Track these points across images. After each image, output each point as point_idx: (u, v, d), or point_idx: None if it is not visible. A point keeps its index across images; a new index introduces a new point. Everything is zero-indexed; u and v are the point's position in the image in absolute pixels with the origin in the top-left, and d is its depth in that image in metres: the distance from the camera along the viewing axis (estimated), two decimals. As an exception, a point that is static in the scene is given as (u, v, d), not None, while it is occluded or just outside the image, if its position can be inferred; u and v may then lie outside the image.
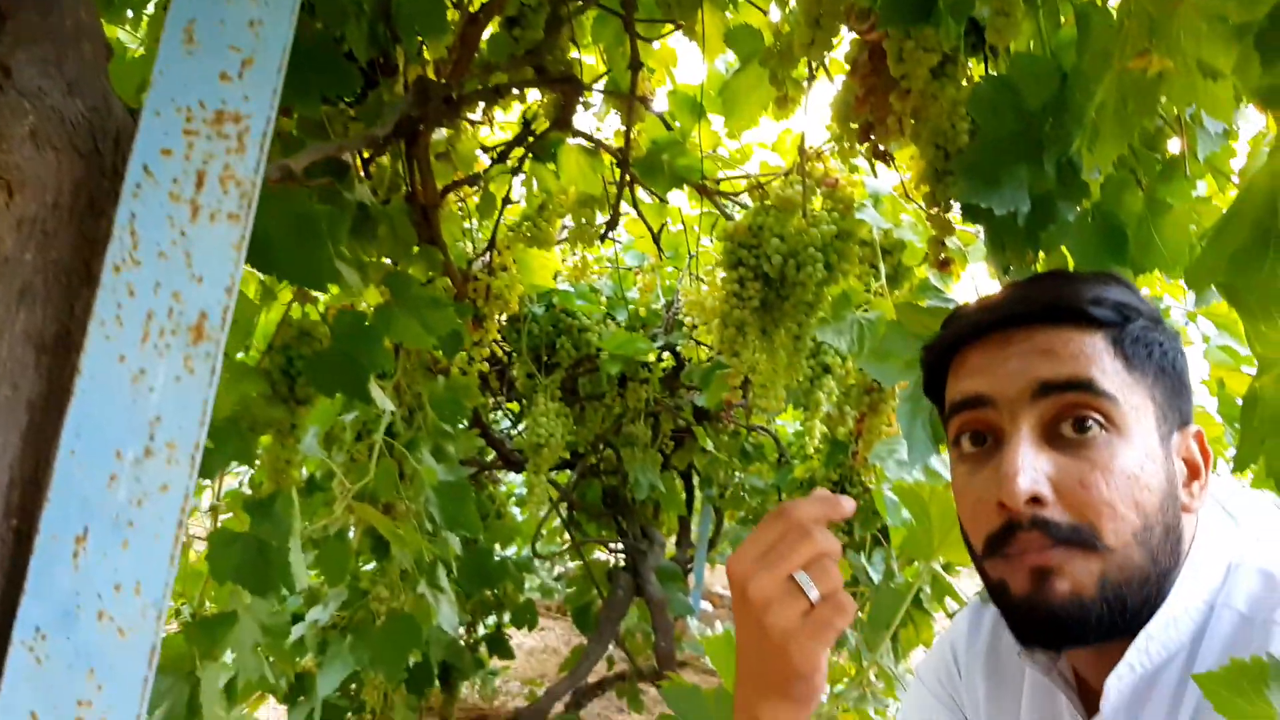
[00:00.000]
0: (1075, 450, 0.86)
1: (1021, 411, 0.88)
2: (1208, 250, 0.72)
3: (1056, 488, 0.85)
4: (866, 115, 1.42)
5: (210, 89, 0.65)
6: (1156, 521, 0.86)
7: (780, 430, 3.84)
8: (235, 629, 1.59)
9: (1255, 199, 0.70)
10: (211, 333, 0.62)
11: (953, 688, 1.19)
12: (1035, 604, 0.85)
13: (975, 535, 0.92)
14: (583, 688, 3.72)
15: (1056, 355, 0.88)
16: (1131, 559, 0.85)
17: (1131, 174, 1.21)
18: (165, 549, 0.59)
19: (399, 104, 1.47)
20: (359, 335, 1.59)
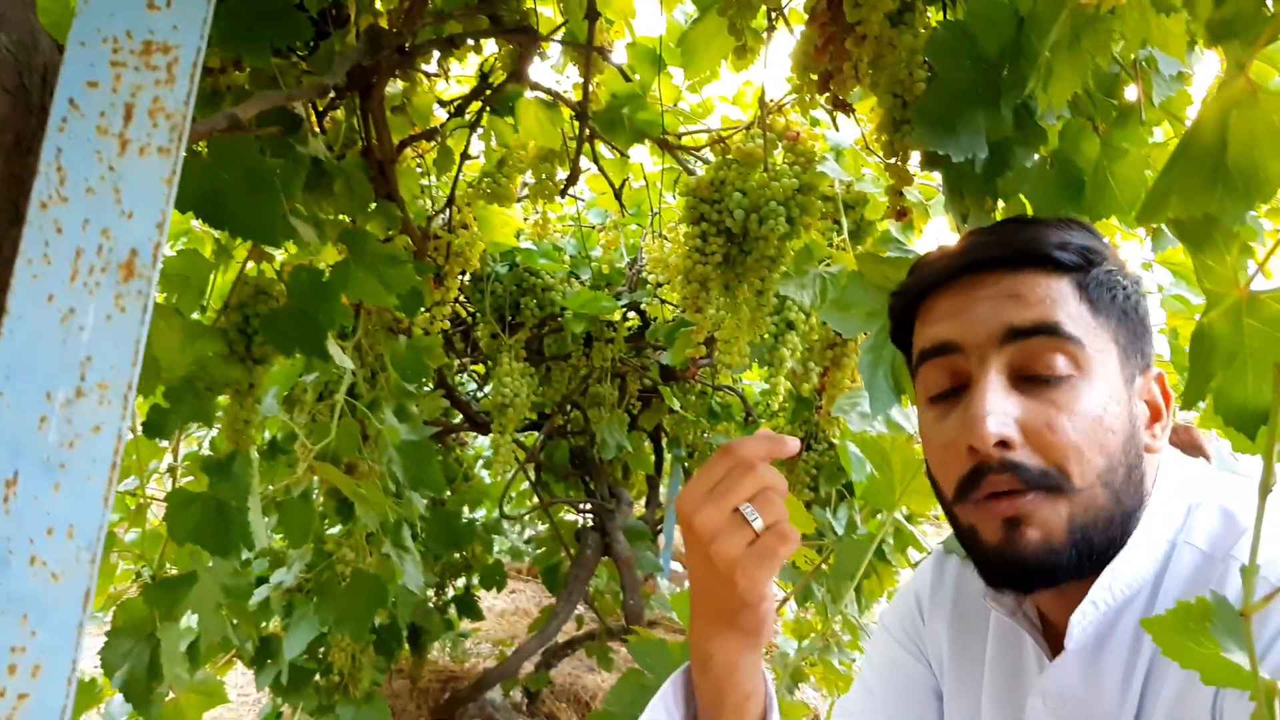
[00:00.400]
0: (1042, 393, 0.87)
1: (990, 356, 0.89)
2: (1157, 186, 0.72)
3: (1024, 430, 0.86)
4: (825, 64, 1.41)
5: (137, 19, 0.63)
6: (1120, 463, 0.88)
7: (747, 389, 3.85)
8: (195, 590, 1.58)
9: (1204, 135, 0.70)
10: (143, 270, 0.61)
11: (917, 635, 1.21)
12: (1005, 552, 0.87)
13: (945, 480, 0.94)
14: (552, 647, 3.73)
15: (1023, 300, 0.90)
16: (1097, 500, 0.86)
17: (1089, 120, 1.20)
18: (98, 491, 0.58)
19: (350, 54, 1.44)
20: (316, 292, 1.58)
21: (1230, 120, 0.68)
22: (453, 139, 2.12)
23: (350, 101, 1.72)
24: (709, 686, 0.93)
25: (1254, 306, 0.66)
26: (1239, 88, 0.68)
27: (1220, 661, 0.58)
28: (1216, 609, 0.59)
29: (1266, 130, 0.67)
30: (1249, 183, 0.68)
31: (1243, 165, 0.68)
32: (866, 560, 1.46)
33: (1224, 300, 0.67)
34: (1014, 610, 1.02)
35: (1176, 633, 0.59)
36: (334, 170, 1.70)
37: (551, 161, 2.15)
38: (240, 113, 1.10)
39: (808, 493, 2.49)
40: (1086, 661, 0.93)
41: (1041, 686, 0.96)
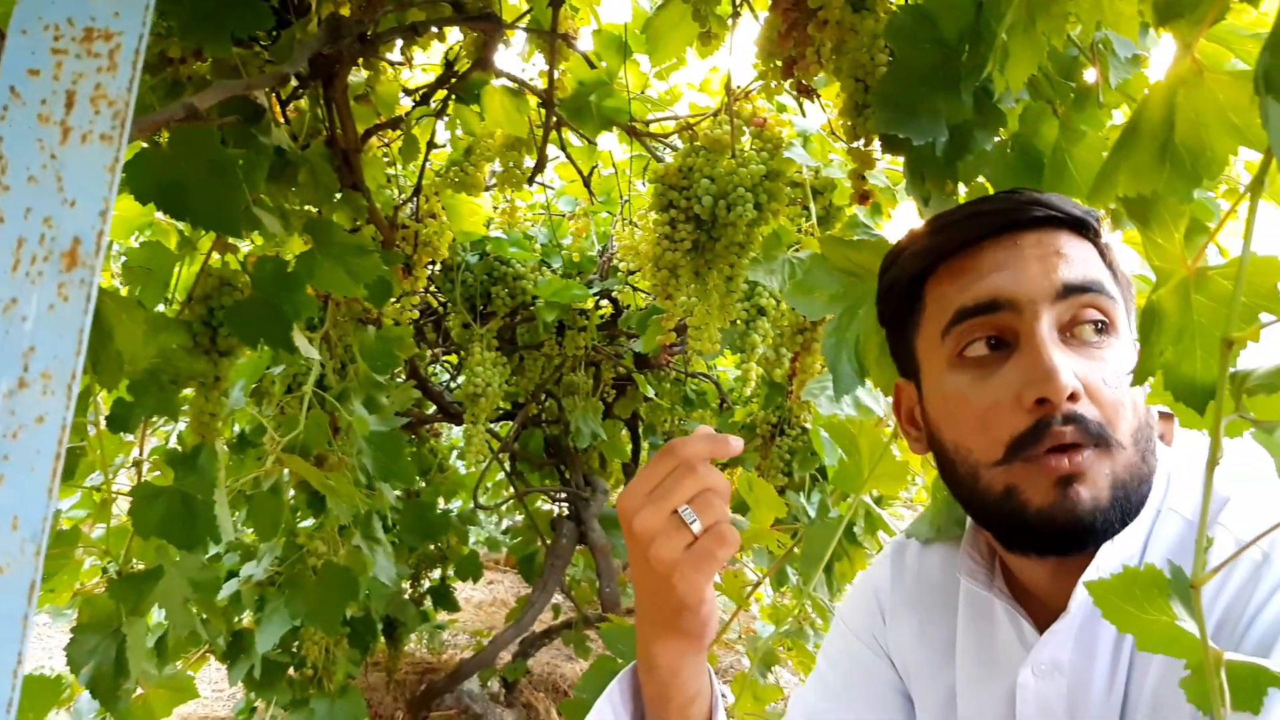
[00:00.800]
0: (1089, 350, 0.88)
1: (1044, 312, 0.88)
2: (1107, 165, 0.72)
3: (1084, 385, 0.85)
4: (789, 50, 1.41)
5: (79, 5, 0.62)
6: (1145, 423, 0.89)
7: (722, 376, 3.85)
8: (162, 584, 1.57)
9: (1152, 114, 0.70)
10: (86, 259, 0.60)
11: (875, 628, 1.20)
12: (1057, 513, 0.85)
13: (989, 440, 0.90)
14: (529, 637, 3.73)
15: (1069, 259, 0.89)
16: (1133, 459, 0.86)
17: (1049, 104, 1.21)
18: (43, 482, 0.57)
19: (310, 41, 1.43)
20: (280, 282, 1.57)
21: (1177, 100, 0.69)
22: (418, 128, 2.11)
23: (314, 91, 1.71)
24: (654, 688, 0.93)
25: (1201, 283, 0.66)
26: (1186, 67, 0.68)
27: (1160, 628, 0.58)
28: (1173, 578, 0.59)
29: (1213, 109, 0.68)
30: (1196, 161, 0.68)
31: (1190, 144, 0.69)
32: (835, 543, 1.46)
33: (1172, 277, 0.67)
34: (989, 585, 1.01)
35: (1118, 596, 0.60)
36: (298, 160, 1.69)
37: (519, 149, 2.14)
38: (198, 102, 1.10)
39: (781, 478, 2.50)
40: (1080, 631, 0.92)
41: (1034, 658, 0.94)
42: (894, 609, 1.17)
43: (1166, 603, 0.58)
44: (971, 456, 0.92)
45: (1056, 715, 0.93)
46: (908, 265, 1.01)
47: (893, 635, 1.17)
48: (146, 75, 1.55)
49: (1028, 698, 0.95)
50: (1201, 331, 0.67)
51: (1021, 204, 0.93)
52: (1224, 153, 0.67)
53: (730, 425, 3.25)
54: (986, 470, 0.90)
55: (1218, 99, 0.67)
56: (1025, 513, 0.87)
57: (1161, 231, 0.68)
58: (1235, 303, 0.58)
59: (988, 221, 0.94)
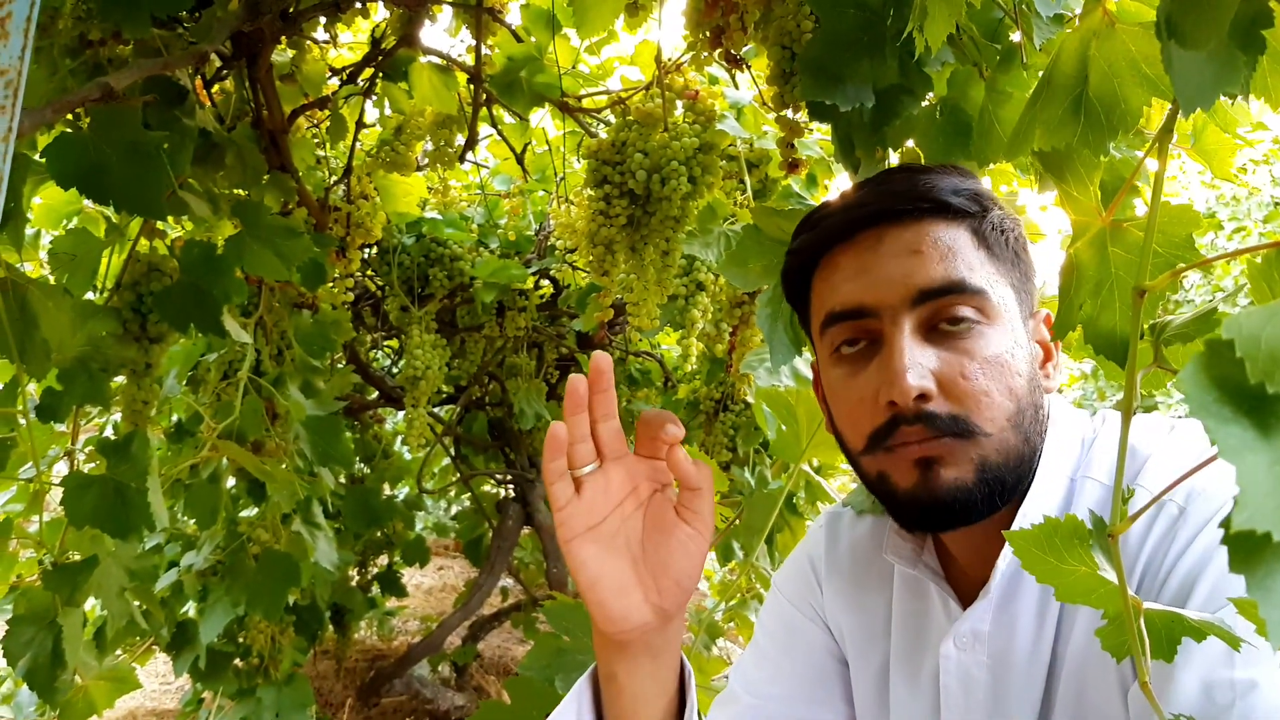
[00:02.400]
0: (952, 343, 0.88)
1: (901, 315, 0.89)
2: (1024, 119, 0.72)
3: (939, 380, 0.87)
4: (716, 19, 1.41)
5: (-34, -28, 0.61)
6: (1028, 404, 0.89)
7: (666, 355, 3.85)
8: (97, 574, 1.55)
9: (1065, 67, 0.70)
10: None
11: (811, 597, 1.21)
12: (920, 493, 0.88)
13: (855, 432, 0.94)
14: (479, 620, 3.73)
15: (926, 255, 0.90)
16: (1008, 441, 0.88)
17: (975, 66, 1.21)
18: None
19: (229, 18, 1.40)
20: (209, 266, 1.55)
21: (1090, 52, 0.69)
22: (346, 107, 2.08)
23: (238, 71, 1.68)
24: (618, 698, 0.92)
25: (1117, 234, 0.67)
26: (1097, 19, 0.69)
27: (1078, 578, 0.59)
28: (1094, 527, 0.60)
29: (1125, 61, 0.68)
30: (1110, 114, 0.69)
31: (1103, 96, 0.69)
32: (775, 513, 1.47)
33: (1089, 230, 0.68)
34: (914, 562, 1.03)
35: (1037, 547, 0.60)
36: (224, 142, 1.67)
37: (450, 127, 2.12)
38: (114, 82, 1.07)
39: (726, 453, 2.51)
40: (1000, 604, 0.93)
41: (955, 630, 0.96)
42: (829, 578, 1.18)
43: (1087, 553, 0.59)
44: (848, 444, 0.97)
45: (979, 684, 0.94)
46: (792, 259, 1.04)
47: (829, 604, 1.18)
48: (67, 59, 1.51)
49: (950, 668, 0.97)
50: (1119, 283, 0.67)
51: (888, 196, 0.94)
52: (1138, 105, 0.68)
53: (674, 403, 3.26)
54: (859, 457, 0.95)
55: (1130, 50, 0.67)
56: (896, 495, 0.91)
57: (1077, 185, 0.68)
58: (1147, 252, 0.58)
59: (855, 217, 0.95)
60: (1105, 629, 0.58)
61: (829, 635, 1.18)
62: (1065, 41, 0.70)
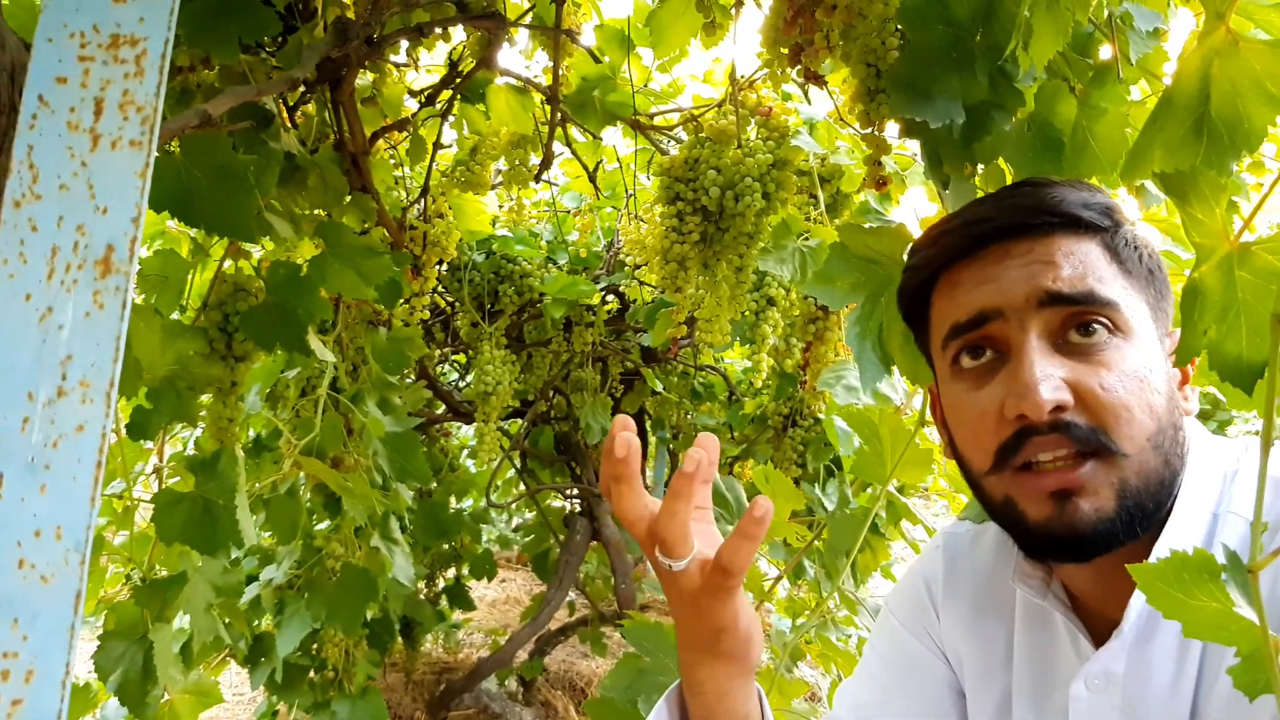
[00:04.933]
0: (1086, 355, 0.85)
1: (1030, 320, 0.87)
2: (1141, 141, 0.71)
3: (1075, 391, 0.83)
4: (796, 37, 1.40)
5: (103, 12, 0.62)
6: (1168, 424, 0.85)
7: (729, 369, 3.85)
8: (186, 590, 1.58)
9: (1186, 86, 0.69)
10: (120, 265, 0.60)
11: (927, 622, 1.17)
12: (1055, 527, 0.84)
13: (979, 450, 0.91)
14: (545, 634, 3.74)
15: (1057, 265, 0.87)
16: (1149, 464, 0.84)
17: (1064, 81, 1.20)
18: (85, 490, 0.57)
19: (319, 45, 1.42)
20: (294, 286, 1.57)
21: (1212, 71, 0.68)
22: (425, 128, 2.11)
23: (321, 95, 1.71)
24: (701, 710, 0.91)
25: (1245, 258, 0.66)
26: (1220, 38, 0.67)
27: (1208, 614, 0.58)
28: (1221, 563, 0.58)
29: (1249, 79, 0.67)
30: (1234, 133, 0.68)
31: (1227, 115, 0.68)
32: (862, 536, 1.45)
33: (1214, 253, 0.67)
34: (1043, 592, 0.99)
35: (1166, 582, 0.59)
36: (307, 164, 1.69)
37: (524, 147, 2.14)
38: (211, 109, 1.09)
39: (795, 469, 2.50)
40: (1135, 644, 0.89)
41: (1086, 670, 0.92)
42: (946, 603, 1.15)
43: (1219, 589, 0.57)
44: (972, 465, 0.93)
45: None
46: (911, 276, 1.01)
47: (945, 631, 1.15)
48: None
49: (1080, 710, 0.93)
50: (1247, 308, 0.66)
51: (1013, 210, 0.91)
52: (1262, 123, 0.67)
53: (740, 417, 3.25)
54: (984, 478, 0.91)
55: (1254, 68, 0.66)
56: (1024, 524, 0.87)
57: (1201, 207, 0.67)
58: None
59: (979, 232, 0.92)
60: (1238, 667, 0.56)
61: (945, 663, 1.15)
62: (1186, 60, 0.68)
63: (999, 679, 1.07)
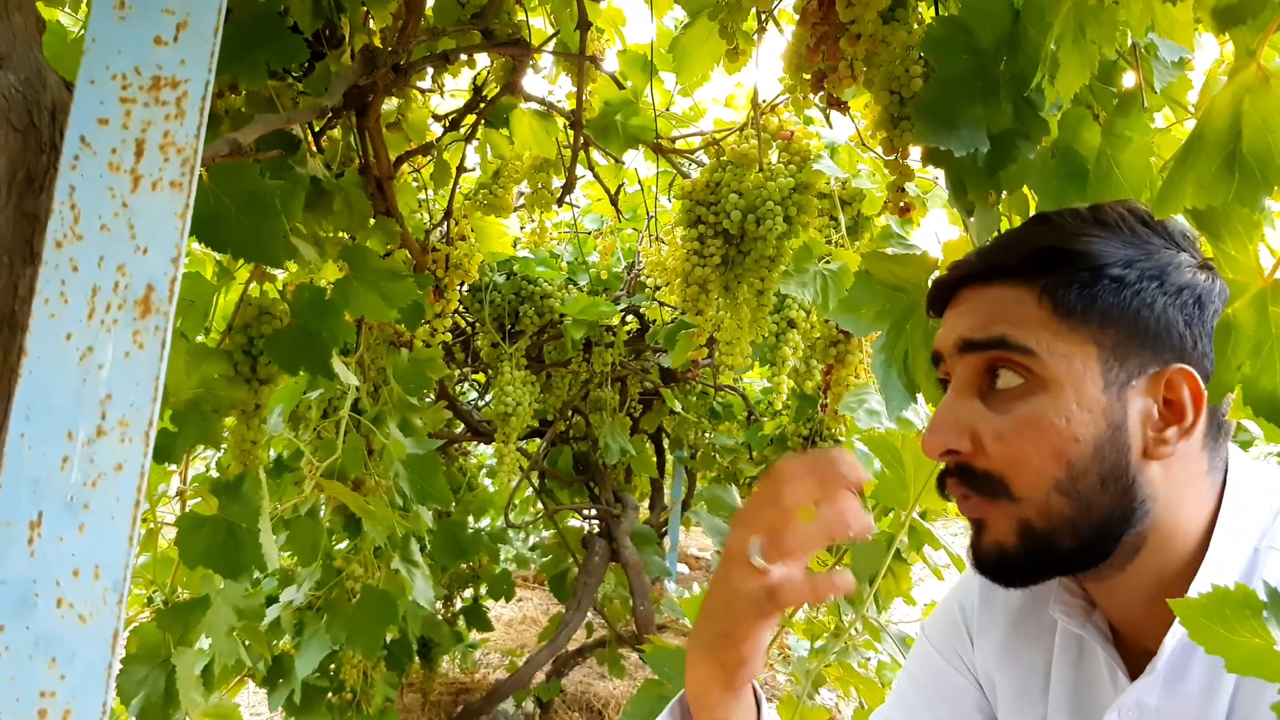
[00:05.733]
0: (1000, 403, 0.88)
1: (955, 366, 0.93)
2: (1172, 177, 0.71)
3: (976, 439, 0.88)
4: (818, 64, 1.41)
5: (145, 54, 0.63)
6: (1090, 469, 0.85)
7: (748, 389, 3.85)
8: (208, 613, 1.58)
9: (1217, 123, 0.69)
10: (159, 305, 0.60)
11: (960, 647, 1.18)
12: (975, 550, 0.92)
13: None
14: (563, 656, 3.73)
15: (978, 313, 0.92)
16: (1052, 507, 0.86)
17: (1088, 109, 1.20)
18: (123, 530, 0.57)
19: (346, 74, 1.44)
20: (319, 310, 1.58)
21: (1243, 107, 0.68)
22: (449, 152, 2.12)
23: (347, 120, 1.72)
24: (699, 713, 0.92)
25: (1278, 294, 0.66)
26: (1250, 74, 0.68)
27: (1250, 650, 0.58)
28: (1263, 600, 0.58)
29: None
30: (1265, 168, 0.68)
31: (1258, 151, 0.68)
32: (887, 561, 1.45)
33: (1248, 289, 0.67)
34: (1083, 623, 0.99)
35: (1207, 617, 0.59)
36: (333, 188, 1.71)
37: (547, 171, 2.15)
38: (241, 137, 1.10)
39: (814, 491, 2.49)
40: (1170, 677, 0.90)
41: (1120, 701, 0.93)
42: (981, 628, 1.15)
43: (1260, 625, 0.57)
44: None
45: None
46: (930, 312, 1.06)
47: (979, 656, 1.15)
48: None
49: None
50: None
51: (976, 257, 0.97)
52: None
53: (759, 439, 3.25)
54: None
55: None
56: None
57: (1234, 243, 0.67)
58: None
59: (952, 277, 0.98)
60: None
61: (977, 687, 1.15)
62: (1217, 97, 0.69)
63: (1035, 706, 1.07)
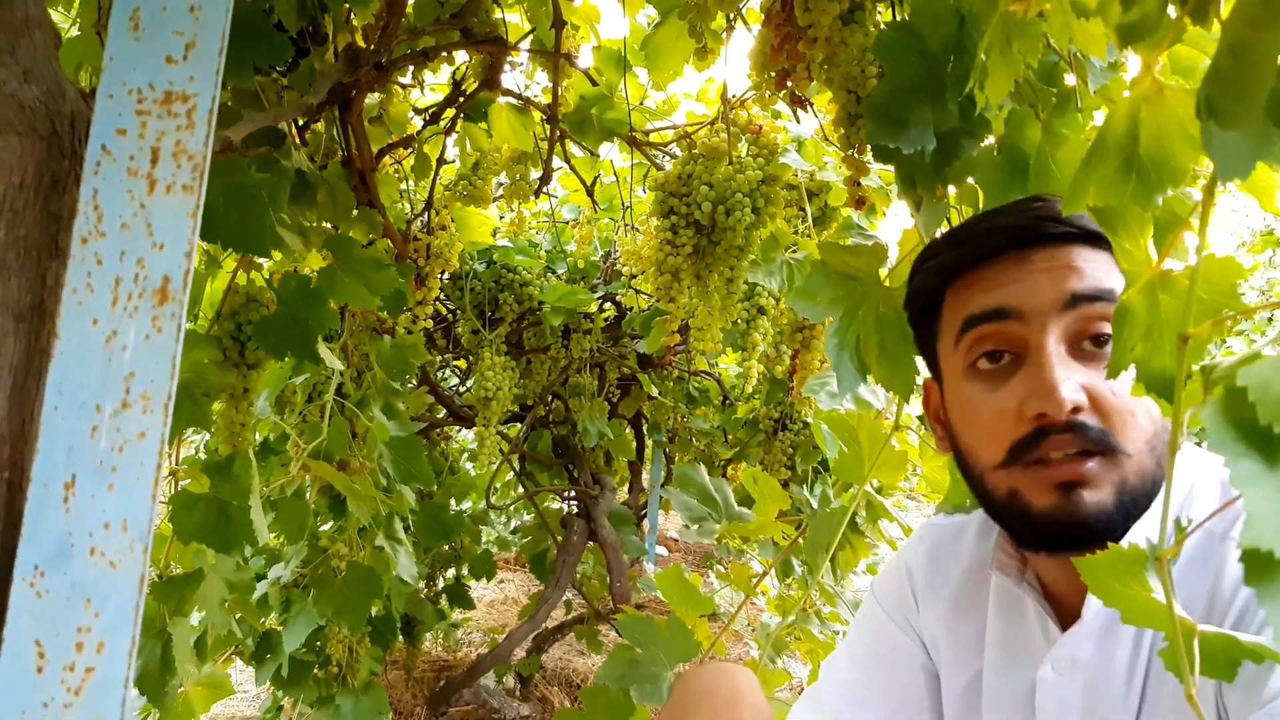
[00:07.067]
0: (1097, 361, 0.91)
1: (1050, 323, 0.92)
2: (1078, 177, 0.79)
3: (1088, 394, 0.89)
4: (782, 63, 1.47)
5: (158, 72, 0.71)
6: (1161, 428, 0.91)
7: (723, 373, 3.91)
8: (202, 586, 1.65)
9: (1117, 129, 0.77)
10: (175, 294, 0.68)
11: (907, 610, 1.24)
12: (1060, 515, 0.89)
13: (992, 445, 0.95)
14: (543, 632, 3.80)
15: (1080, 271, 0.92)
16: (1145, 464, 0.89)
17: (1031, 108, 1.28)
18: (147, 489, 0.65)
19: (331, 72, 1.50)
20: (304, 298, 1.63)
21: (1140, 115, 0.76)
22: (429, 145, 2.19)
23: (330, 114, 1.78)
24: None
25: (1166, 283, 0.73)
26: (1147, 85, 0.75)
27: (1141, 602, 0.65)
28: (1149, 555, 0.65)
29: (1173, 123, 0.75)
30: (1160, 171, 0.75)
31: (1154, 155, 0.76)
32: (840, 532, 1.53)
33: (1140, 279, 0.74)
34: (1019, 580, 1.05)
35: (1105, 574, 0.66)
36: (317, 181, 1.77)
37: (525, 163, 2.21)
38: (232, 135, 1.16)
39: (785, 471, 2.58)
40: (1100, 632, 0.96)
41: (1054, 654, 0.98)
42: (926, 592, 1.21)
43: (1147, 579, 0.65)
44: (980, 460, 0.98)
45: (1074, 709, 0.97)
46: (927, 279, 1.06)
47: (924, 618, 1.21)
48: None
49: (1047, 692, 0.99)
50: (1169, 327, 0.73)
51: (1035, 219, 0.96)
52: (1186, 163, 0.75)
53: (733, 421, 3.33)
54: (991, 473, 0.96)
55: (1177, 113, 0.74)
56: (1029, 513, 0.92)
57: (1129, 238, 0.75)
58: (1191, 301, 0.65)
59: (1001, 237, 0.98)
60: (1166, 650, 0.63)
61: (922, 649, 1.21)
62: (1117, 106, 0.76)
63: (972, 661, 1.13)
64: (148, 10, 0.71)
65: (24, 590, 0.63)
